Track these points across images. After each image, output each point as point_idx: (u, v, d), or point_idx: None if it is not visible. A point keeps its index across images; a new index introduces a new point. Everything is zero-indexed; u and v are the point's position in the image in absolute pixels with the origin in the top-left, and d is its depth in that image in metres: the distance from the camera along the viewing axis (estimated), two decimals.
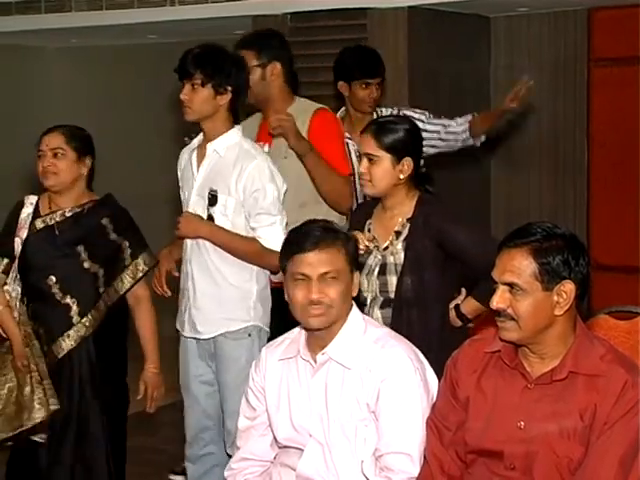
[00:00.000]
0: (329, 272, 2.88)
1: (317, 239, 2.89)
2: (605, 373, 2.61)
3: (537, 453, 2.62)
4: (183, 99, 3.72)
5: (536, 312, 2.63)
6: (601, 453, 2.56)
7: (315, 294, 2.86)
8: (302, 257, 2.88)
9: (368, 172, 3.47)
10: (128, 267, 3.77)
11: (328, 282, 2.88)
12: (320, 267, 2.87)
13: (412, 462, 2.82)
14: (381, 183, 3.46)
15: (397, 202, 3.50)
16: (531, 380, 2.68)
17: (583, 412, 2.60)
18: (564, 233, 2.69)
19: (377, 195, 3.53)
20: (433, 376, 2.97)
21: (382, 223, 3.53)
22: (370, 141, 3.47)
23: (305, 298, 2.88)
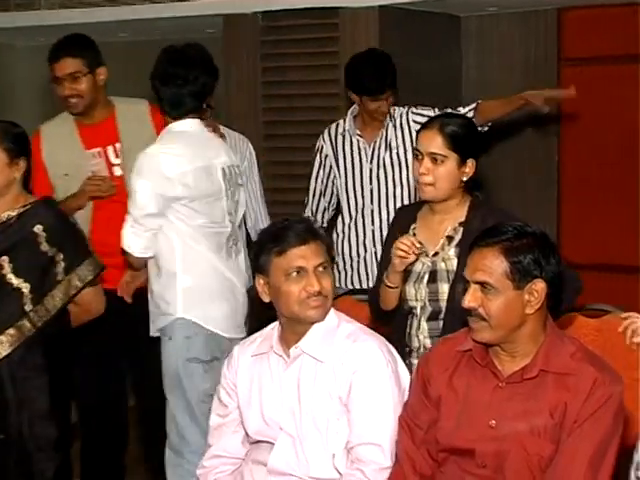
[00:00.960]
0: (322, 263, 2.90)
1: (304, 233, 2.91)
2: (575, 371, 2.63)
3: (508, 451, 2.63)
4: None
5: (507, 311, 2.65)
6: (571, 451, 2.58)
7: (316, 286, 2.87)
8: (295, 251, 2.88)
9: (431, 173, 3.21)
10: (60, 283, 3.36)
11: (322, 273, 2.90)
12: (314, 259, 2.89)
13: (383, 453, 2.83)
14: (445, 185, 3.21)
15: (451, 206, 3.26)
16: (502, 379, 2.70)
17: (553, 410, 2.62)
18: (535, 232, 2.71)
19: (438, 199, 3.25)
20: (404, 370, 2.99)
21: (430, 228, 3.30)
22: (437, 139, 3.19)
23: (303, 291, 2.88)
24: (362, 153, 4.61)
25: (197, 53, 3.89)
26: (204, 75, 3.83)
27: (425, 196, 3.26)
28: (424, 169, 3.21)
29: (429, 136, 3.22)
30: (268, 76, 6.05)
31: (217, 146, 3.97)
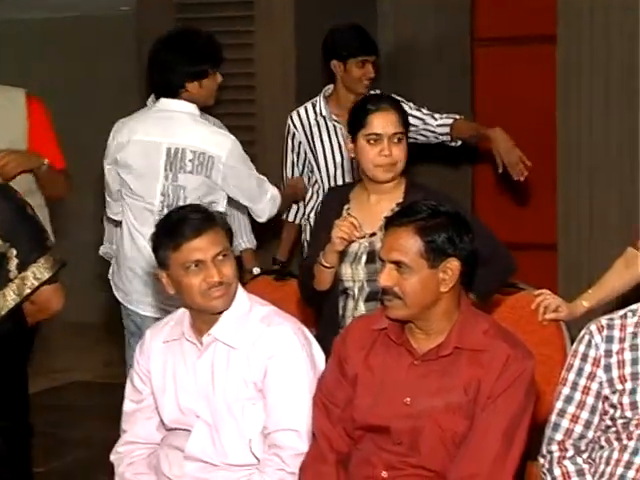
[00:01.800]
0: (221, 251, 2.86)
1: (198, 223, 2.84)
2: (488, 348, 2.67)
3: (423, 428, 2.66)
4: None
5: (422, 289, 2.68)
6: (485, 426, 2.62)
7: (216, 276, 2.83)
8: (191, 244, 2.83)
9: (392, 154, 3.22)
10: (13, 281, 3.13)
11: (222, 261, 2.86)
12: (211, 249, 2.84)
13: (300, 438, 2.84)
14: (403, 164, 3.25)
15: (389, 186, 3.27)
16: (417, 356, 2.72)
17: (467, 387, 2.65)
18: (449, 211, 2.73)
19: (393, 179, 3.26)
20: (320, 352, 2.99)
21: (366, 208, 3.29)
22: (394, 118, 3.23)
23: (203, 283, 2.84)
24: (340, 140, 4.39)
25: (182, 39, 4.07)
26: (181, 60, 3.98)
27: (385, 177, 3.25)
28: (387, 150, 3.21)
29: (388, 118, 3.23)
30: None
31: (182, 128, 3.99)
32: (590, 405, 2.69)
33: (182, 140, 3.97)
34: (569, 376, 2.74)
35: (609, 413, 2.67)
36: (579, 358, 2.73)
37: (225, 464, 2.90)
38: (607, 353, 2.69)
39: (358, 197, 3.33)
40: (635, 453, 2.59)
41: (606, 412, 2.68)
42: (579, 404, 2.70)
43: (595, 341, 2.72)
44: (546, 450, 2.72)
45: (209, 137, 4.02)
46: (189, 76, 4.00)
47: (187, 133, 3.99)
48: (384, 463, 2.69)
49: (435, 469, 2.66)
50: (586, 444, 2.69)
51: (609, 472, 2.61)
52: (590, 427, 2.69)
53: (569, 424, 2.70)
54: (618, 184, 5.58)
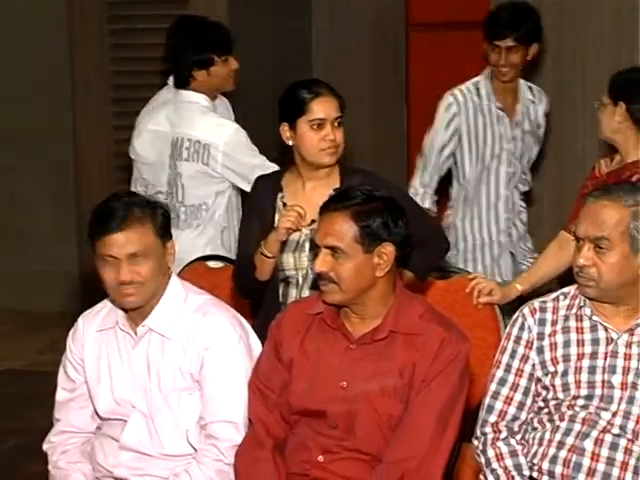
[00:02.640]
0: (137, 252, 2.79)
1: (122, 218, 2.78)
2: (423, 331, 2.69)
3: (359, 411, 2.67)
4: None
5: (358, 274, 2.69)
6: (420, 409, 2.64)
7: (124, 275, 2.78)
8: (108, 239, 2.77)
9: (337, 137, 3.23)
10: None
11: (138, 261, 2.79)
12: (127, 247, 2.78)
13: (237, 429, 2.83)
14: (342, 148, 3.27)
15: (324, 172, 3.26)
16: (353, 340, 2.73)
17: (403, 370, 2.67)
18: (383, 196, 2.74)
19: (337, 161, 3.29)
20: (257, 342, 2.98)
21: (302, 196, 3.27)
22: (335, 104, 3.24)
23: (115, 279, 2.80)
24: (502, 129, 4.24)
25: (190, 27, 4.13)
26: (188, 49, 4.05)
27: (331, 161, 3.25)
28: (332, 134, 3.22)
29: (330, 103, 3.23)
30: (118, 38, 5.92)
31: (185, 117, 4.06)
32: (523, 387, 2.72)
33: (183, 129, 4.03)
34: (502, 358, 2.77)
35: (542, 395, 2.70)
36: (512, 341, 2.76)
37: (161, 454, 2.88)
38: (540, 335, 2.73)
39: (291, 185, 3.32)
40: (567, 434, 2.63)
41: (539, 394, 2.71)
42: (512, 386, 2.73)
43: (528, 324, 2.75)
44: (480, 432, 2.75)
45: (207, 126, 4.03)
46: (195, 65, 4.04)
47: (189, 122, 4.04)
48: (320, 447, 2.70)
49: (371, 452, 2.67)
50: (519, 425, 2.73)
51: (541, 452, 2.65)
52: (523, 409, 2.72)
53: (502, 406, 2.73)
54: (550, 168, 5.64)
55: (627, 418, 2.61)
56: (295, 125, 3.24)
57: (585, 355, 2.67)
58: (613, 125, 3.44)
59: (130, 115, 5.85)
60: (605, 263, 2.62)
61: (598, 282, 2.64)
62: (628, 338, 2.66)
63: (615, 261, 2.61)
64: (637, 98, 3.40)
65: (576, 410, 2.64)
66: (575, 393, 2.65)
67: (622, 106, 3.40)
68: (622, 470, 2.58)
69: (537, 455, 2.66)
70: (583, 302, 2.71)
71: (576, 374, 2.66)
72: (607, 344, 2.67)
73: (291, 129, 3.25)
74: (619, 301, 2.66)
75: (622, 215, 2.60)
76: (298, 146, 3.25)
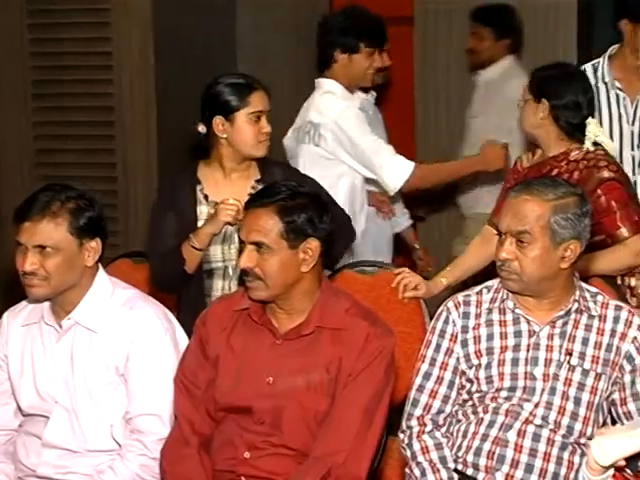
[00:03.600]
0: (45, 245, 2.76)
1: (39, 209, 2.76)
2: (349, 326, 2.70)
3: (285, 407, 2.67)
4: None
5: (283, 270, 2.68)
6: (346, 403, 2.65)
7: (26, 265, 2.76)
8: (22, 225, 2.77)
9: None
10: None
11: (45, 254, 2.77)
12: (35, 239, 2.76)
13: (162, 423, 2.82)
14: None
15: (246, 164, 3.32)
16: (279, 336, 2.73)
17: (329, 365, 2.68)
18: (308, 192, 2.75)
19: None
20: (183, 336, 2.97)
21: (223, 188, 3.30)
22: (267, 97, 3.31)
23: (21, 267, 2.79)
24: (622, 110, 3.96)
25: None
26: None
27: (265, 152, 3.32)
28: (268, 127, 3.28)
29: (265, 96, 3.31)
30: (36, 32, 5.82)
31: (309, 103, 4.06)
32: (448, 380, 2.75)
33: (307, 113, 4.01)
34: (427, 352, 2.78)
35: (466, 387, 2.73)
36: (437, 334, 2.78)
37: (85, 450, 2.86)
38: (464, 329, 2.75)
39: (210, 176, 3.33)
40: (490, 426, 2.66)
41: (463, 386, 2.74)
42: (437, 379, 2.75)
43: (452, 317, 2.77)
44: (406, 425, 2.76)
45: (318, 105, 3.98)
46: (340, 46, 3.99)
47: (312, 107, 4.00)
48: (246, 444, 2.70)
49: (297, 448, 2.67)
50: (444, 418, 2.75)
51: (466, 445, 2.67)
52: (448, 402, 2.75)
53: (427, 399, 2.75)
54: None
55: (549, 409, 2.65)
56: (233, 118, 3.25)
57: (508, 348, 2.70)
58: (534, 121, 3.47)
59: (50, 111, 5.81)
60: (526, 257, 2.65)
61: (520, 275, 2.66)
62: (550, 330, 2.70)
63: (536, 255, 2.64)
64: (559, 94, 3.44)
65: (499, 402, 2.67)
66: (498, 385, 2.68)
67: (545, 102, 3.43)
68: (545, 461, 2.62)
69: (462, 448, 2.68)
70: (506, 295, 2.74)
71: (499, 366, 2.69)
72: (529, 336, 2.70)
73: (227, 121, 3.25)
74: (541, 294, 2.70)
75: (543, 209, 2.63)
76: (233, 138, 3.27)
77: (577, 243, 2.65)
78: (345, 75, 4.03)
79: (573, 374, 2.66)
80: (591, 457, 2.36)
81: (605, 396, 2.67)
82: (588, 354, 2.67)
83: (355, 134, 3.92)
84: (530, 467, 2.61)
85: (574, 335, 2.69)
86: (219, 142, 3.31)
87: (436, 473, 2.67)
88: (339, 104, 3.96)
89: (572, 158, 3.39)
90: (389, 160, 3.93)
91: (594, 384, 2.65)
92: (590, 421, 2.64)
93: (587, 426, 2.64)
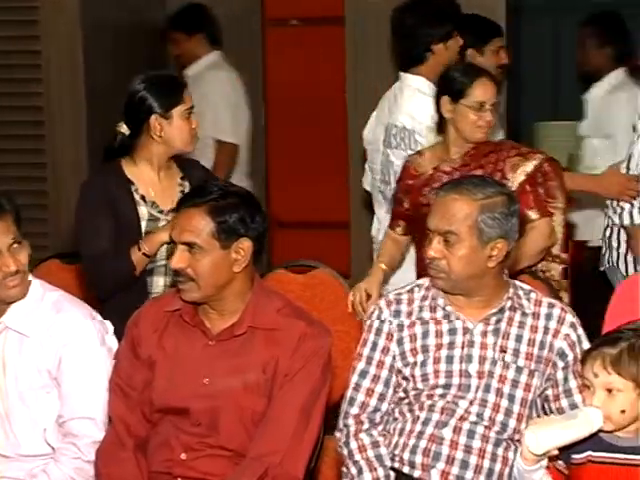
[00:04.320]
0: (14, 239, 2.76)
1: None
2: (283, 326, 2.69)
3: (221, 408, 2.66)
4: None
5: (215, 270, 2.67)
6: (283, 403, 2.64)
7: (12, 265, 2.75)
8: None
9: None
10: None
11: (17, 249, 2.77)
12: (4, 238, 2.75)
13: (96, 426, 2.80)
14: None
15: (170, 162, 3.33)
16: (212, 337, 2.72)
17: (265, 365, 2.67)
18: (239, 191, 2.74)
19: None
20: (113, 338, 2.94)
21: (157, 187, 3.31)
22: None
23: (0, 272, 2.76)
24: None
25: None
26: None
27: (194, 148, 3.39)
28: (195, 123, 3.32)
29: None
30: None
31: (398, 103, 3.96)
32: (384, 379, 2.75)
33: (394, 115, 3.92)
34: (363, 351, 2.78)
35: (402, 385, 2.74)
36: (373, 333, 2.78)
37: (18, 455, 2.83)
38: (399, 327, 2.76)
39: (142, 176, 3.30)
40: (426, 423, 2.67)
41: (399, 385, 2.74)
42: (374, 378, 2.75)
43: (385, 316, 2.77)
44: (343, 424, 2.76)
45: (413, 110, 3.89)
46: (435, 37, 3.90)
47: (400, 108, 3.91)
48: (183, 445, 2.68)
49: (234, 448, 2.66)
50: (381, 416, 2.75)
51: (402, 443, 2.68)
52: (384, 400, 2.75)
53: (364, 398, 2.75)
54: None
55: (484, 406, 2.66)
56: (170, 115, 3.25)
57: (443, 345, 2.71)
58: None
59: None
60: (454, 256, 2.66)
61: (448, 274, 2.67)
62: (483, 328, 2.71)
63: (463, 254, 2.66)
64: (455, 91, 3.47)
65: (435, 400, 2.68)
66: (434, 382, 2.69)
67: (445, 99, 3.48)
68: (479, 457, 2.63)
69: (398, 446, 2.68)
70: (436, 293, 2.75)
71: (434, 364, 2.70)
72: (464, 334, 2.71)
73: (164, 119, 3.25)
74: (469, 292, 2.71)
75: (470, 209, 2.65)
76: (169, 136, 3.26)
77: (504, 242, 2.67)
78: (440, 64, 3.86)
79: (507, 371, 2.67)
80: (525, 446, 2.39)
81: (539, 393, 2.70)
82: (522, 351, 2.69)
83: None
84: (465, 463, 2.62)
85: (508, 332, 2.70)
86: (150, 141, 3.29)
87: (373, 471, 2.67)
88: (430, 107, 3.75)
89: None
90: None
91: (528, 381, 2.67)
92: (524, 417, 2.67)
93: (521, 422, 2.66)
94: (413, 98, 3.91)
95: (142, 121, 3.27)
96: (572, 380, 2.68)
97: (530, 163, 3.47)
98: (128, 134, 3.32)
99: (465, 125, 3.46)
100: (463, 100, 3.44)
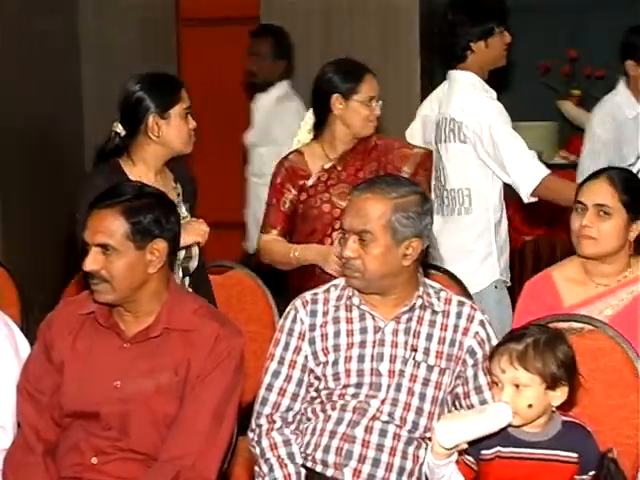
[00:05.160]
0: None
1: None
2: (197, 327, 2.68)
3: (133, 411, 2.64)
4: None
5: (130, 272, 2.65)
6: (195, 405, 2.64)
7: None
8: None
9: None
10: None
11: None
12: None
13: (5, 434, 2.76)
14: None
15: (164, 166, 3.31)
16: (126, 339, 2.70)
17: (178, 367, 2.66)
18: (153, 192, 2.72)
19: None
20: (24, 342, 2.90)
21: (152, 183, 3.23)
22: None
23: None
24: None
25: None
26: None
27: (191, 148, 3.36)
28: (194, 122, 3.30)
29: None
30: None
31: (448, 97, 3.93)
32: (296, 378, 2.76)
33: (446, 109, 3.87)
34: (276, 351, 2.79)
35: (314, 385, 2.75)
36: (285, 333, 2.79)
37: None
38: (311, 327, 2.77)
39: (141, 177, 3.20)
40: (338, 423, 2.68)
41: (312, 384, 2.76)
42: (286, 378, 2.76)
43: (300, 316, 2.79)
44: (255, 424, 2.77)
45: (462, 103, 3.84)
46: (475, 35, 3.84)
47: (452, 102, 3.86)
48: (93, 449, 2.65)
49: (146, 452, 2.64)
50: (293, 416, 2.76)
51: (314, 442, 2.69)
52: (297, 399, 2.76)
53: (277, 397, 2.76)
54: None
55: (395, 405, 2.68)
56: (168, 115, 3.23)
57: (355, 344, 2.73)
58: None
59: None
60: (369, 255, 2.68)
61: (363, 273, 2.70)
62: (394, 326, 2.74)
63: (378, 253, 2.68)
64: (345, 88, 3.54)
65: (347, 399, 2.70)
66: (345, 382, 2.71)
67: (335, 97, 3.54)
68: (391, 455, 2.65)
69: (310, 445, 2.70)
70: (352, 292, 2.78)
71: (346, 363, 2.71)
72: (375, 332, 2.73)
73: (162, 119, 3.23)
74: (384, 291, 2.73)
75: (384, 208, 2.68)
76: (167, 136, 3.24)
77: (419, 241, 2.70)
78: (483, 62, 3.89)
79: (418, 370, 2.70)
80: (435, 440, 2.43)
81: (449, 390, 2.73)
82: (432, 350, 2.71)
83: (497, 133, 3.77)
84: (377, 462, 2.64)
85: (418, 331, 2.73)
86: (147, 141, 3.25)
87: (283, 468, 2.68)
88: (481, 101, 3.83)
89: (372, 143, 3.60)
90: (527, 163, 3.75)
91: (439, 379, 2.70)
92: (435, 416, 2.69)
93: (432, 421, 2.68)
94: (464, 92, 3.88)
95: (139, 121, 3.23)
96: (482, 377, 2.71)
97: (416, 153, 3.61)
98: (124, 134, 3.27)
99: (357, 121, 3.53)
100: (355, 96, 3.51)
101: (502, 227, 3.91)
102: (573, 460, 2.47)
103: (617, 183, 3.01)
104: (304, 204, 3.58)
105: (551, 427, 2.49)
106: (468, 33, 3.87)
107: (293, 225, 3.62)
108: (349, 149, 3.57)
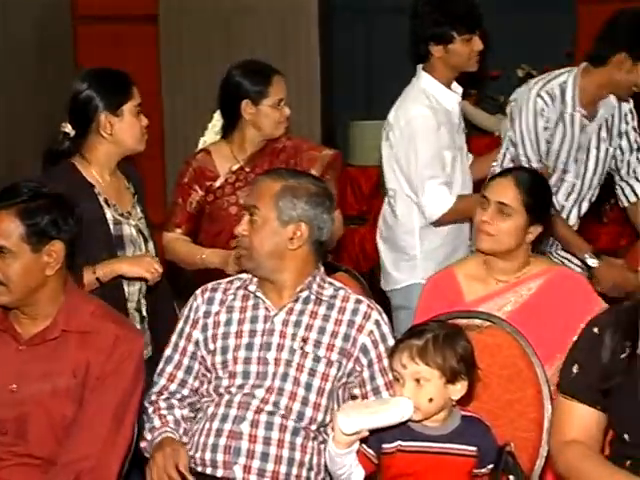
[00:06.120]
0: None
1: None
2: (96, 329, 2.66)
3: (30, 414, 2.61)
4: None
5: (26, 274, 2.62)
6: (94, 407, 2.61)
7: None
8: None
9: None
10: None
11: None
12: None
13: None
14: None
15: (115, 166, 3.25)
16: (22, 342, 2.66)
17: (76, 369, 2.63)
18: (50, 193, 2.68)
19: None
20: None
21: (112, 192, 3.20)
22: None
23: None
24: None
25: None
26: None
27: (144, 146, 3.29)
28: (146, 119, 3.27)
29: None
30: None
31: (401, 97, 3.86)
32: (186, 365, 2.78)
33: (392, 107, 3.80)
34: (173, 338, 2.81)
35: (207, 377, 2.75)
36: (182, 320, 2.81)
37: None
38: (206, 314, 2.78)
39: (95, 178, 3.19)
40: (224, 420, 2.67)
41: (204, 375, 2.76)
42: (177, 364, 2.78)
43: (197, 303, 2.80)
44: (147, 403, 2.77)
45: (399, 107, 3.77)
46: (433, 40, 3.71)
47: (397, 102, 3.81)
48: None
49: (44, 456, 2.61)
50: (179, 399, 2.77)
51: (202, 443, 2.67)
52: (185, 386, 2.78)
53: (165, 382, 2.78)
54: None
55: (280, 394, 2.68)
56: (121, 112, 3.18)
57: (244, 332, 2.74)
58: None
59: None
60: (255, 231, 2.72)
61: (251, 251, 2.73)
62: (285, 317, 2.75)
63: (263, 230, 2.71)
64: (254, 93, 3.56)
65: (233, 392, 2.69)
66: (232, 369, 2.70)
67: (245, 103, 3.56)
68: (279, 447, 2.65)
69: (199, 447, 2.67)
70: (250, 280, 2.80)
71: (235, 351, 2.72)
72: (265, 322, 2.75)
73: (115, 117, 3.16)
74: (272, 275, 2.75)
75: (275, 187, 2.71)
76: (121, 134, 3.19)
77: (306, 227, 2.73)
78: (445, 65, 3.77)
79: (305, 360, 2.71)
80: (336, 427, 2.44)
81: (338, 385, 2.73)
82: (324, 342, 2.72)
83: (413, 150, 3.69)
84: (265, 455, 2.63)
85: (311, 324, 2.74)
86: (99, 140, 3.18)
87: (162, 418, 2.73)
88: (409, 110, 3.72)
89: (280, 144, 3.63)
90: (434, 190, 3.67)
91: (326, 370, 2.71)
92: (322, 407, 2.69)
93: (318, 412, 2.69)
94: (409, 95, 3.80)
95: (90, 121, 3.16)
96: (379, 378, 2.73)
97: (324, 155, 3.64)
98: (73, 135, 3.18)
99: (268, 124, 3.55)
100: (265, 101, 3.53)
101: (434, 233, 3.82)
102: (472, 454, 2.51)
103: (522, 184, 3.07)
104: (211, 205, 3.58)
105: (450, 422, 2.53)
106: (428, 37, 3.75)
107: (198, 225, 3.63)
108: (257, 150, 3.59)
